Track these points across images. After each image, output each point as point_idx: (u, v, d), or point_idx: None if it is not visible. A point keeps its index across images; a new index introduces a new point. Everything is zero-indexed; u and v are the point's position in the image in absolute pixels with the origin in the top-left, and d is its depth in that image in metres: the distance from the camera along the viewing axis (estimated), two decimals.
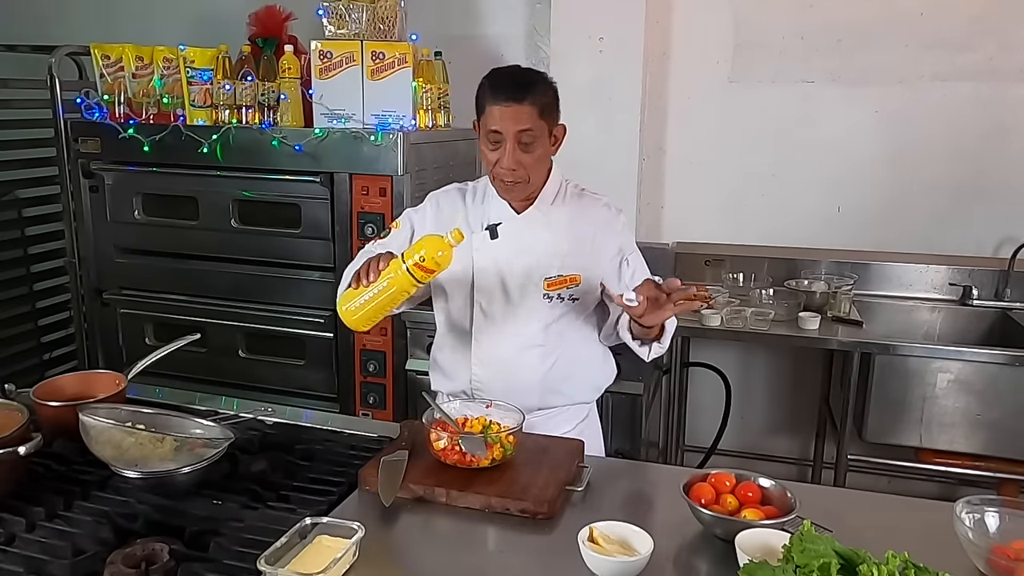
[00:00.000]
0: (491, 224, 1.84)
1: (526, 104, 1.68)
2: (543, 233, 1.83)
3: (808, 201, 3.26)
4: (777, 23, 3.15)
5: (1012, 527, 1.32)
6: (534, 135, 1.71)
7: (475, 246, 1.83)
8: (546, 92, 1.73)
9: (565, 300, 1.84)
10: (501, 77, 1.74)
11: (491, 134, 1.72)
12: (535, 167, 1.76)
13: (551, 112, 1.75)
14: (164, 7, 3.66)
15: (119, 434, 1.48)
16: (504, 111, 1.69)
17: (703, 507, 1.36)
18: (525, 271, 1.82)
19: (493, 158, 1.74)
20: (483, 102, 1.73)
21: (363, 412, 2.80)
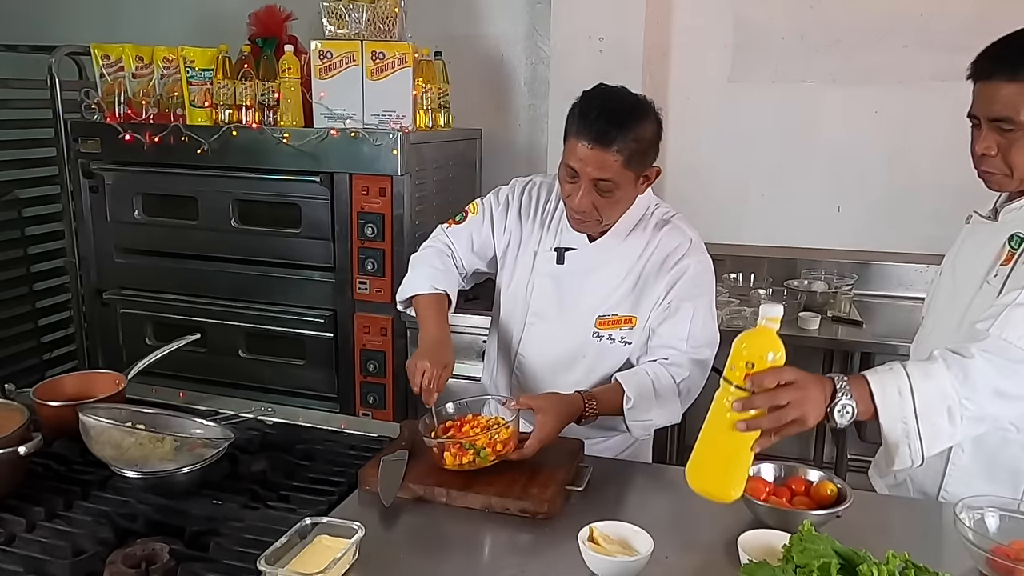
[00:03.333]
0: (559, 247, 1.74)
1: (612, 152, 1.51)
2: (609, 268, 1.72)
3: (808, 201, 3.26)
4: (777, 23, 3.15)
5: (1012, 527, 1.32)
6: (614, 185, 1.56)
7: (538, 265, 1.77)
8: (639, 137, 1.54)
9: (616, 342, 1.72)
10: (594, 108, 1.54)
11: (568, 168, 1.57)
12: (610, 210, 1.63)
13: (642, 159, 1.57)
14: (164, 7, 3.66)
15: (119, 434, 1.48)
16: (586, 152, 1.52)
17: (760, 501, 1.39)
18: (580, 303, 1.73)
19: (567, 191, 1.61)
20: (569, 128, 1.57)
21: (363, 412, 2.80)
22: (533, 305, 1.79)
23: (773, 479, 1.48)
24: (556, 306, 1.76)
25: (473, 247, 1.83)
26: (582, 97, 1.59)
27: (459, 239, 1.83)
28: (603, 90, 1.60)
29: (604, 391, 1.65)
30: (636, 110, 1.56)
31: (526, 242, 1.80)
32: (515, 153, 3.29)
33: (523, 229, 1.80)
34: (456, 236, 1.84)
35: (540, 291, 1.78)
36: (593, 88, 1.61)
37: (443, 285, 1.77)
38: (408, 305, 1.84)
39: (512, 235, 1.81)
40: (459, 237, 1.83)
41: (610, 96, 1.58)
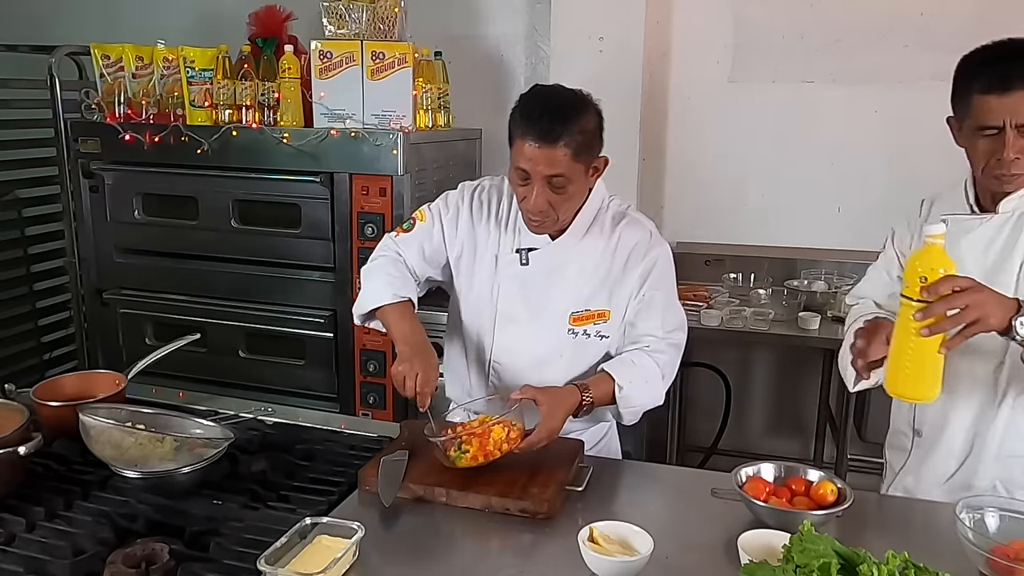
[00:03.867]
0: (521, 248, 1.73)
1: (559, 147, 1.53)
2: (575, 264, 1.73)
3: (808, 201, 3.26)
4: (777, 23, 3.15)
5: (1012, 527, 1.32)
6: (566, 179, 1.57)
7: (502, 269, 1.75)
8: (584, 129, 1.56)
9: (592, 336, 1.74)
10: (536, 107, 1.57)
11: (519, 170, 1.58)
12: (566, 206, 1.64)
13: (589, 149, 1.59)
14: (164, 7, 3.66)
15: (119, 434, 1.48)
16: (534, 151, 1.54)
17: (760, 501, 1.39)
18: (551, 303, 1.73)
19: (521, 193, 1.62)
20: (513, 131, 1.59)
21: (363, 412, 2.80)
22: (502, 308, 1.76)
23: (773, 479, 1.48)
24: (525, 307, 1.75)
25: (424, 254, 1.79)
26: (521, 100, 1.61)
27: (409, 247, 1.79)
28: (540, 90, 1.64)
29: (595, 382, 1.67)
30: (576, 104, 1.59)
31: (483, 246, 1.77)
32: None
33: (477, 234, 1.77)
34: (406, 244, 1.79)
35: (507, 294, 1.75)
36: (529, 90, 1.64)
37: (405, 292, 1.72)
38: (368, 319, 1.77)
39: (465, 241, 1.78)
40: (409, 245, 1.79)
41: (549, 94, 1.61)
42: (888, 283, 1.80)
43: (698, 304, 2.91)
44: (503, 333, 1.77)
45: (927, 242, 1.32)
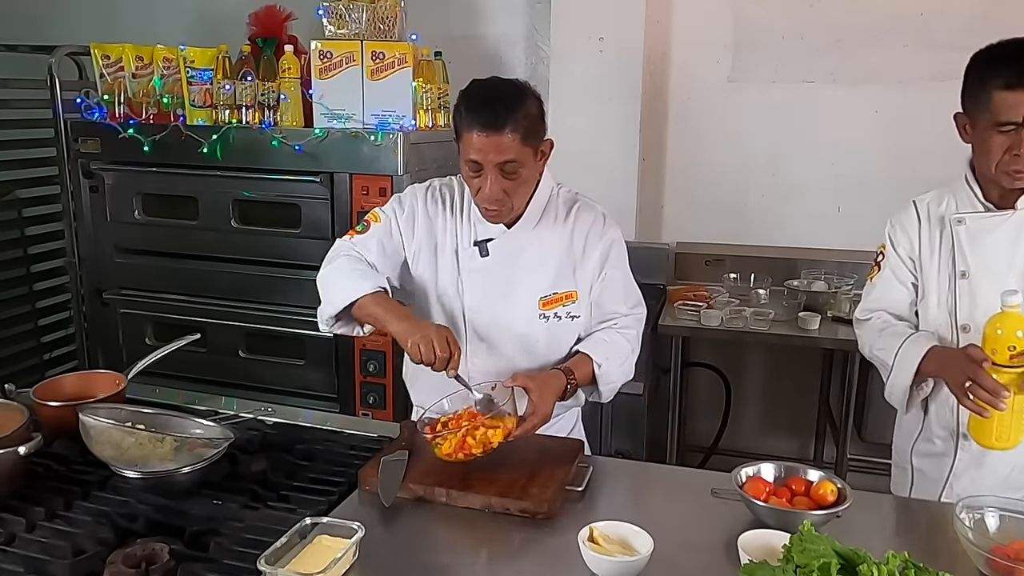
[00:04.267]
0: (479, 240, 1.74)
1: (507, 133, 1.55)
2: (534, 249, 1.74)
3: (808, 201, 3.26)
4: (777, 23, 3.15)
5: (1012, 527, 1.32)
6: (518, 163, 1.59)
7: (463, 263, 1.75)
8: (527, 114, 1.59)
9: (563, 318, 1.76)
10: (479, 99, 1.60)
11: (470, 163, 1.60)
12: (520, 192, 1.66)
13: (535, 133, 1.62)
14: (164, 7, 3.66)
15: (119, 434, 1.48)
16: (483, 141, 1.56)
17: (760, 501, 1.39)
18: (519, 291, 1.74)
19: (475, 185, 1.64)
20: (459, 126, 1.61)
21: (363, 412, 2.79)
22: (469, 302, 1.75)
23: (773, 479, 1.48)
24: (493, 299, 1.75)
25: (385, 252, 1.77)
26: (462, 95, 1.64)
27: (367, 247, 1.76)
28: (479, 83, 1.67)
29: (576, 363, 1.70)
30: (516, 91, 1.62)
31: (442, 243, 1.77)
32: None
33: (435, 231, 1.77)
34: (363, 244, 1.76)
35: (472, 287, 1.75)
36: (468, 86, 1.67)
37: (380, 283, 1.68)
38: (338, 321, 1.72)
39: (423, 239, 1.77)
40: (366, 245, 1.76)
41: (488, 86, 1.65)
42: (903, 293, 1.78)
43: (698, 304, 2.91)
44: (474, 328, 1.77)
45: (1007, 310, 1.45)
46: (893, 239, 1.81)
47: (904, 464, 1.86)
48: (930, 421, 1.77)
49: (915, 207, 1.81)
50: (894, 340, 1.72)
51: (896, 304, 1.79)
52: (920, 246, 1.76)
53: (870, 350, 1.81)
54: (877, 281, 1.84)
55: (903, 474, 1.87)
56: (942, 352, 1.63)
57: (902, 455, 1.88)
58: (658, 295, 3.13)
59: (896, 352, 1.69)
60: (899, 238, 1.80)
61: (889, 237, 1.82)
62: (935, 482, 1.75)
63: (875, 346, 1.78)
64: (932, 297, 1.73)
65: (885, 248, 1.83)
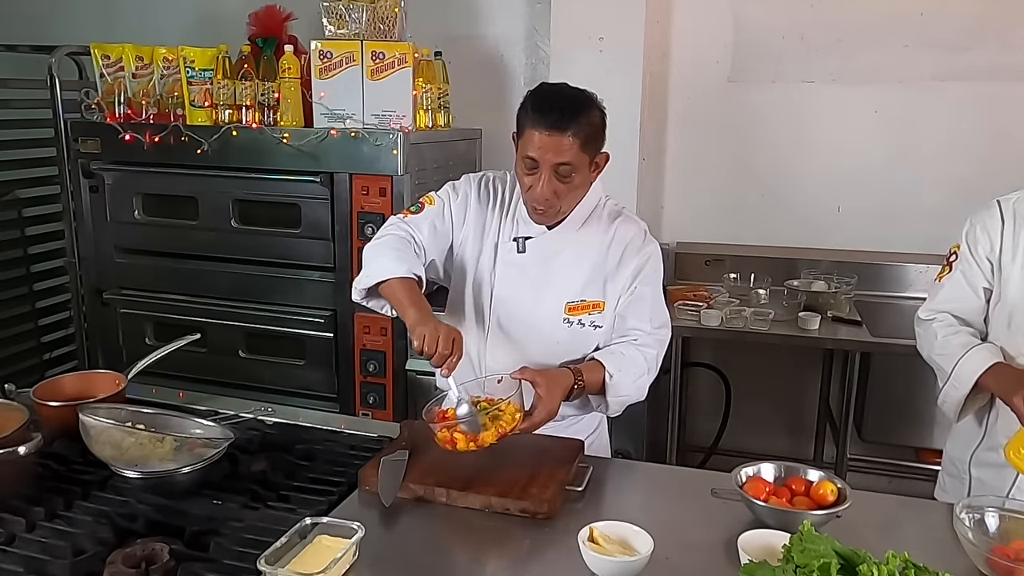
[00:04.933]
0: (519, 236, 1.76)
1: (568, 135, 1.58)
2: (571, 254, 1.76)
3: (808, 201, 3.26)
4: (777, 23, 3.15)
5: (1012, 527, 1.32)
6: (573, 168, 1.61)
7: (500, 256, 1.77)
8: (591, 121, 1.62)
9: (586, 326, 1.76)
10: (546, 100, 1.62)
11: (527, 159, 1.62)
12: (569, 197, 1.68)
13: (595, 142, 1.64)
14: (164, 7, 3.66)
15: (119, 434, 1.48)
16: (544, 139, 1.59)
17: (760, 500, 1.39)
18: (548, 291, 1.76)
19: (527, 183, 1.66)
20: (523, 123, 1.64)
21: (363, 412, 2.79)
22: (498, 294, 1.78)
23: (773, 479, 1.48)
24: (522, 294, 1.77)
25: (436, 234, 1.79)
26: (530, 94, 1.66)
27: (419, 226, 1.78)
28: (549, 86, 1.70)
29: (587, 367, 1.70)
30: (583, 98, 1.64)
31: (487, 234, 1.80)
32: (515, 153, 3.30)
33: (485, 222, 1.80)
34: (415, 224, 1.78)
35: (504, 280, 1.78)
36: (537, 87, 1.69)
37: (416, 270, 1.70)
38: (370, 295, 1.75)
39: (473, 228, 1.80)
40: (419, 225, 1.78)
41: (557, 89, 1.67)
42: (971, 297, 1.74)
43: (698, 304, 2.91)
44: (498, 319, 1.79)
45: None
46: (971, 239, 1.74)
47: (960, 473, 1.82)
48: (996, 431, 1.72)
49: (999, 206, 1.72)
50: (956, 348, 1.68)
51: (962, 308, 1.74)
52: (1002, 248, 1.69)
53: (929, 353, 1.77)
54: (946, 282, 1.78)
55: (958, 483, 1.83)
56: (1007, 371, 1.60)
57: (958, 464, 1.83)
58: None
59: (957, 362, 1.66)
60: (978, 238, 1.73)
61: (966, 237, 1.76)
62: (996, 491, 1.71)
63: (935, 350, 1.74)
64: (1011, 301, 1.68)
65: (959, 248, 1.77)
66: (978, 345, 1.70)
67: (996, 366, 1.63)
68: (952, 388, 1.69)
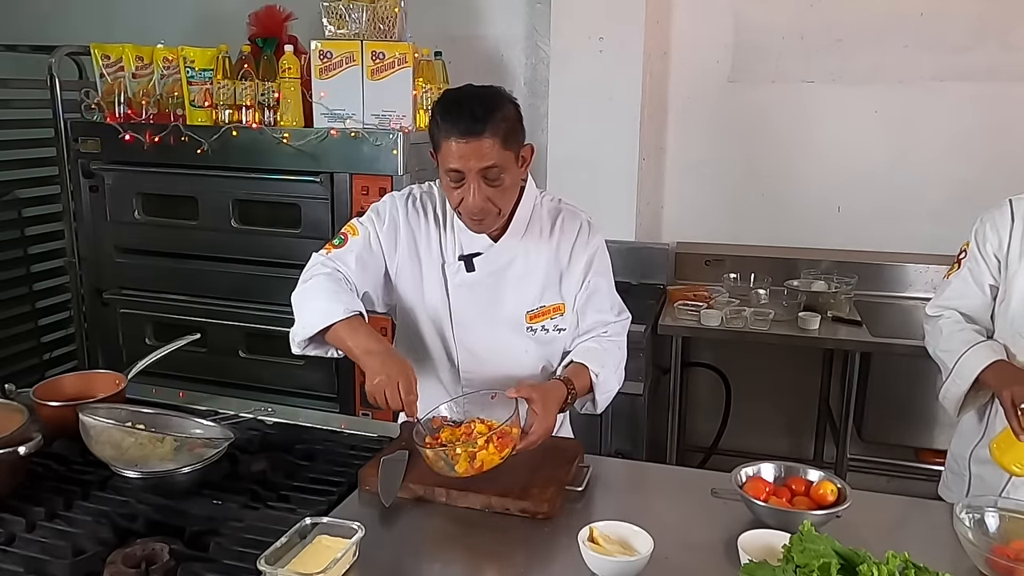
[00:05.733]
0: (465, 255, 1.70)
1: (486, 137, 1.51)
2: (521, 263, 1.71)
3: (808, 201, 3.26)
4: (777, 23, 3.15)
5: (1012, 527, 1.32)
6: (500, 169, 1.54)
7: (450, 277, 1.71)
8: (506, 117, 1.54)
9: (550, 331, 1.74)
10: (454, 106, 1.54)
11: (451, 172, 1.55)
12: (504, 198, 1.61)
13: (515, 137, 1.57)
14: (164, 7, 3.66)
15: (119, 434, 1.48)
16: (463, 147, 1.52)
17: (760, 500, 1.39)
18: (506, 305, 1.71)
19: (457, 196, 1.58)
20: (436, 136, 1.56)
21: (363, 412, 2.79)
22: (456, 318, 1.72)
23: (773, 479, 1.48)
24: (480, 314, 1.72)
25: (364, 266, 1.70)
26: (436, 105, 1.59)
27: (346, 261, 1.69)
28: (453, 92, 1.62)
29: (573, 373, 1.68)
30: (492, 95, 1.58)
31: (427, 256, 1.73)
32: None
33: (419, 245, 1.72)
34: (341, 258, 1.69)
35: (459, 303, 1.72)
36: (442, 94, 1.63)
37: (355, 305, 1.61)
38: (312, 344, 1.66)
39: (408, 253, 1.72)
40: (345, 259, 1.69)
41: (463, 93, 1.60)
42: (978, 294, 1.76)
43: (698, 304, 2.91)
44: (464, 342, 1.74)
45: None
46: (979, 237, 1.76)
47: (961, 470, 1.84)
48: (995, 428, 1.73)
49: (1011, 206, 1.74)
50: (959, 345, 1.70)
51: (968, 305, 1.76)
52: (1010, 246, 1.71)
53: (934, 349, 1.79)
54: (953, 279, 1.80)
55: (959, 480, 1.84)
56: (1006, 368, 1.62)
57: (959, 460, 1.85)
58: (658, 295, 3.13)
59: (959, 358, 1.68)
60: (987, 235, 1.74)
61: (975, 234, 1.77)
62: (993, 488, 1.72)
63: (940, 346, 1.76)
64: (1015, 300, 1.70)
65: (968, 246, 1.78)
66: (981, 342, 1.71)
67: (997, 363, 1.65)
68: (953, 384, 1.71)
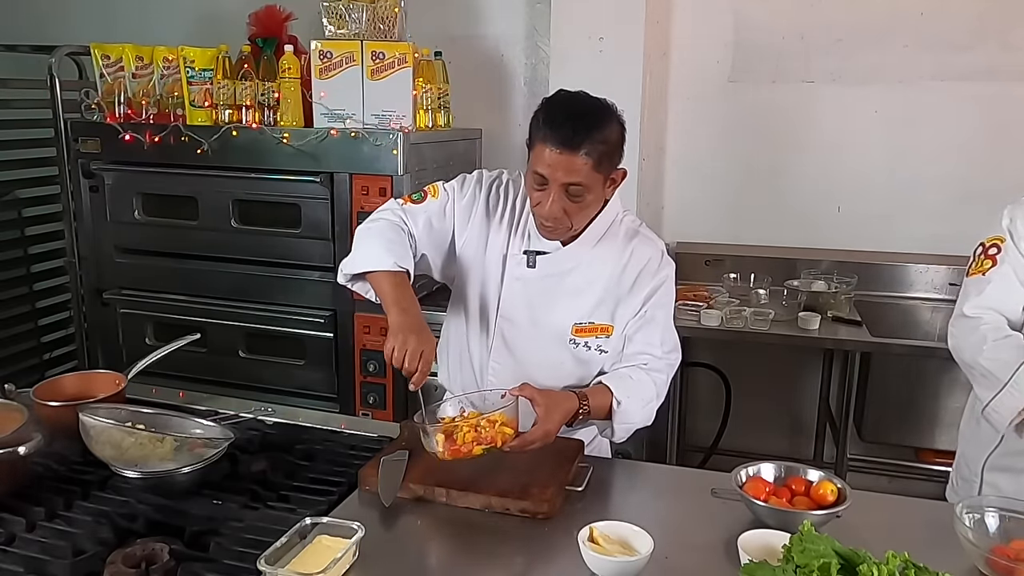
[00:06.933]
0: (530, 250, 1.69)
1: (581, 154, 1.48)
2: (583, 273, 1.68)
3: (808, 201, 3.25)
4: (777, 23, 3.15)
5: (1012, 527, 1.32)
6: (585, 188, 1.52)
7: (509, 269, 1.70)
8: (607, 139, 1.51)
9: (592, 349, 1.70)
10: (560, 112, 1.52)
11: (537, 175, 1.53)
12: (580, 215, 1.59)
13: (610, 160, 1.54)
14: (164, 7, 3.66)
15: (119, 434, 1.48)
16: (554, 157, 1.49)
17: (760, 500, 1.39)
18: (555, 310, 1.69)
19: (536, 198, 1.57)
20: (534, 135, 1.54)
21: (363, 412, 2.79)
22: (504, 309, 1.71)
23: (773, 479, 1.48)
24: (528, 311, 1.71)
25: (431, 229, 1.70)
26: (545, 103, 1.57)
27: (415, 219, 1.70)
28: (566, 96, 1.59)
29: (594, 392, 1.64)
30: (601, 112, 1.54)
31: (493, 243, 1.72)
32: (515, 153, 3.29)
33: (490, 228, 1.72)
34: (412, 215, 1.70)
35: (510, 295, 1.71)
36: (555, 94, 1.60)
37: (405, 263, 1.61)
38: (356, 280, 1.68)
39: (478, 232, 1.72)
40: (416, 216, 1.70)
41: (574, 100, 1.56)
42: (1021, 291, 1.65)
43: (698, 304, 2.91)
44: (503, 334, 1.73)
45: None
46: (1014, 232, 1.66)
47: (972, 476, 1.77)
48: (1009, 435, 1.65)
49: None
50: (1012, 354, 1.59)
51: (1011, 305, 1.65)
52: None
53: (974, 357, 1.66)
54: (992, 276, 1.67)
55: (968, 486, 1.78)
56: None
57: (971, 465, 1.77)
58: None
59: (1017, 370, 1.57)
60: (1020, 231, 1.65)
61: (1009, 231, 1.67)
62: None
63: (985, 354, 1.63)
64: None
65: (1003, 241, 1.67)
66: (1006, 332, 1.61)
67: None
68: (1010, 397, 1.59)
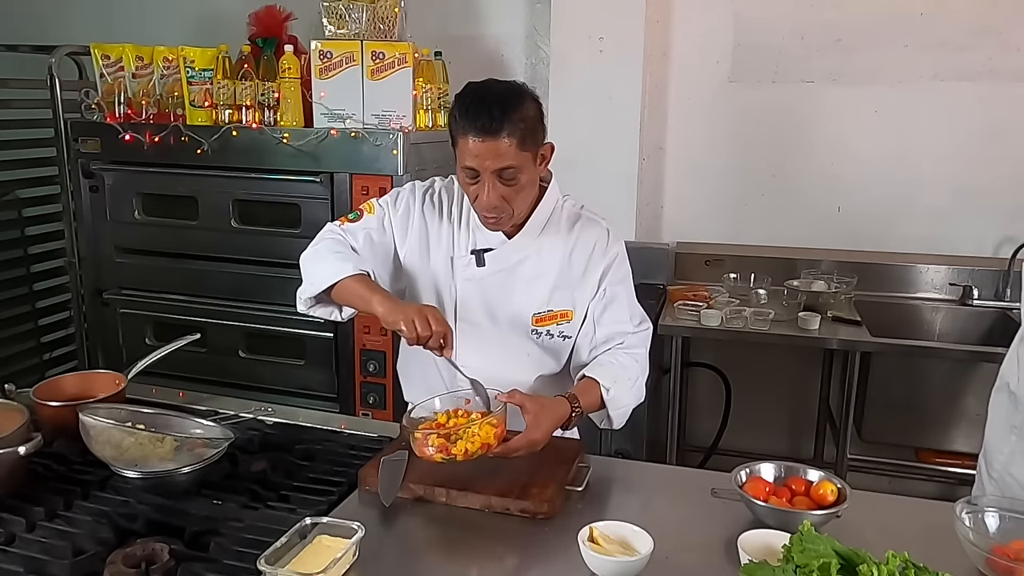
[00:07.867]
0: (477, 249, 1.69)
1: (503, 138, 1.50)
2: (533, 263, 1.69)
3: (808, 201, 3.26)
4: (777, 23, 3.15)
5: (1012, 527, 1.32)
6: (517, 169, 1.53)
7: (458, 271, 1.71)
8: (525, 117, 1.53)
9: (555, 336, 1.72)
10: (473, 103, 1.53)
11: (467, 169, 1.55)
12: (519, 198, 1.60)
13: (533, 137, 1.55)
14: (164, 7, 3.66)
15: (119, 434, 1.48)
16: (479, 146, 1.51)
17: (760, 500, 1.39)
18: (512, 304, 1.70)
19: (472, 192, 1.58)
20: (455, 131, 1.55)
21: (363, 412, 2.79)
22: (461, 312, 1.71)
23: (773, 479, 1.48)
24: (485, 310, 1.71)
25: (372, 245, 1.71)
26: (457, 99, 1.58)
27: (356, 237, 1.70)
28: (475, 86, 1.60)
29: (581, 390, 1.64)
30: (513, 93, 1.56)
31: (436, 249, 1.73)
32: None
33: (430, 236, 1.72)
34: (352, 233, 1.70)
35: (465, 297, 1.71)
36: (463, 88, 1.60)
37: (365, 267, 1.62)
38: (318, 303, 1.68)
39: (418, 242, 1.73)
40: (356, 235, 1.70)
41: (484, 88, 1.58)
42: None
43: (698, 304, 2.91)
44: (465, 338, 1.71)
45: None
46: None
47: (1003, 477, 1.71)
48: None
49: None
50: None
51: None
52: None
53: None
54: None
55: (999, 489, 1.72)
56: None
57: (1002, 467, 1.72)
58: (658, 295, 3.12)
59: None
60: None
61: None
62: None
63: None
64: None
65: None
66: None
67: None
68: None
